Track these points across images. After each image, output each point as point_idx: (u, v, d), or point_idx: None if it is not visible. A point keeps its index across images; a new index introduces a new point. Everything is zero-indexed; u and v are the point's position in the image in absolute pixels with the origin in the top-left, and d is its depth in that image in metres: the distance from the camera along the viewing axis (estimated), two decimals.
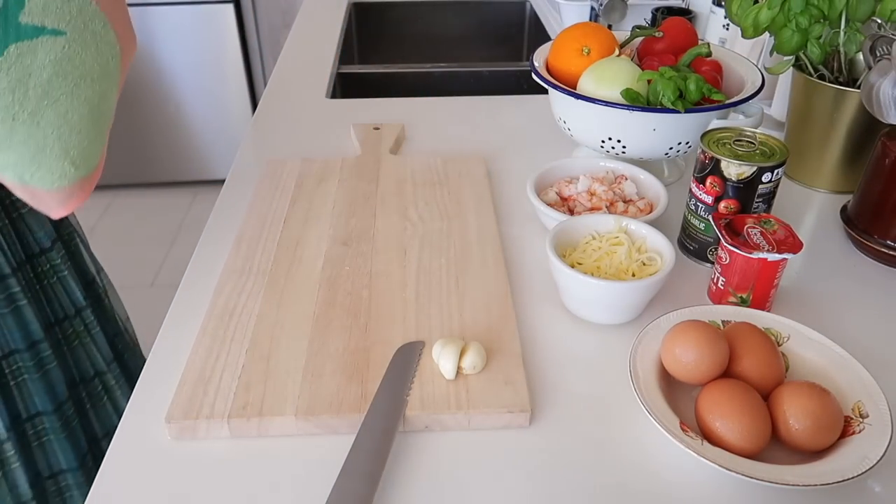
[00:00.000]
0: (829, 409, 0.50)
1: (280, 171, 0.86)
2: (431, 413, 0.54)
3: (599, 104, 0.75)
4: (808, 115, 0.84)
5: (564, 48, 0.84)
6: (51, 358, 0.72)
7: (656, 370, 0.55)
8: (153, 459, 0.52)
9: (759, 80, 0.78)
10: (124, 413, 0.56)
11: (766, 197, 0.67)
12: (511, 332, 0.61)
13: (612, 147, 0.79)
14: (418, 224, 0.76)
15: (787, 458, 0.50)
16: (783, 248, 0.62)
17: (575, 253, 0.67)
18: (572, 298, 0.65)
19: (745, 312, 0.61)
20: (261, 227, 0.76)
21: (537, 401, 0.57)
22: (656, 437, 0.53)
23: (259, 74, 2.61)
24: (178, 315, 0.66)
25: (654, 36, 0.86)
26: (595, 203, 0.74)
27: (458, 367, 0.56)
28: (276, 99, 1.12)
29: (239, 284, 0.67)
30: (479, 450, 0.53)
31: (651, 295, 0.63)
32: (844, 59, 0.82)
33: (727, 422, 0.50)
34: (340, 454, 0.51)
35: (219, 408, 0.54)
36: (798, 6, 0.76)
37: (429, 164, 0.88)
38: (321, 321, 0.63)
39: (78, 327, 0.77)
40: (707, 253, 0.72)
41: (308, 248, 0.72)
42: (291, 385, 0.56)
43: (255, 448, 0.53)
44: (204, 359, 0.58)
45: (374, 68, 1.36)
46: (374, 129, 0.97)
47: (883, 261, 0.74)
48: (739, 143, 0.68)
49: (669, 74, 0.74)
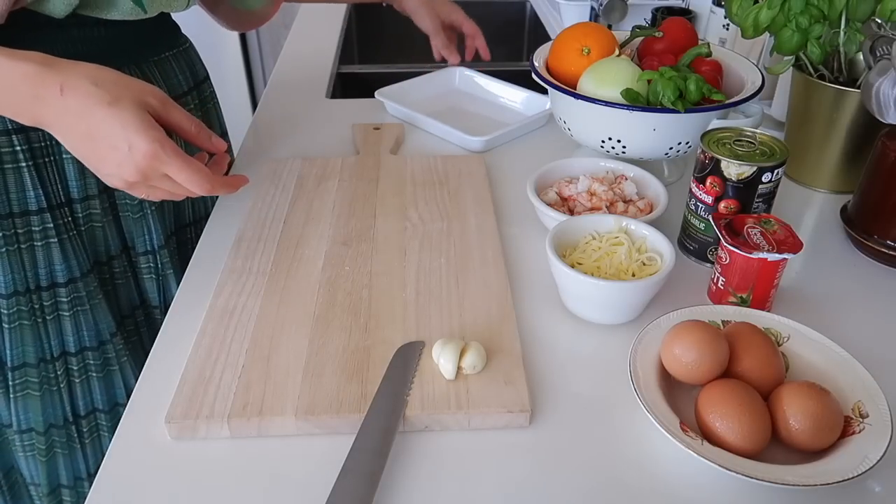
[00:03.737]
0: (829, 409, 0.50)
1: (280, 171, 0.86)
2: (431, 413, 0.54)
3: (599, 104, 0.75)
4: (808, 115, 0.84)
5: (564, 48, 0.84)
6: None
7: (656, 370, 0.55)
8: (153, 459, 0.52)
9: (759, 80, 0.78)
10: (124, 413, 0.56)
11: (766, 197, 0.67)
12: (511, 332, 0.61)
13: (612, 147, 0.79)
14: (418, 224, 0.76)
15: (787, 458, 0.50)
16: (783, 248, 0.62)
17: (575, 253, 0.67)
18: (572, 298, 0.65)
19: (745, 312, 0.61)
20: (261, 227, 0.75)
21: (537, 401, 0.57)
22: (656, 438, 0.53)
23: (259, 74, 2.60)
24: (178, 315, 0.66)
25: (654, 36, 0.86)
26: (595, 203, 0.74)
27: (458, 367, 0.56)
28: (276, 99, 1.12)
29: (239, 284, 0.67)
30: (479, 450, 0.53)
31: (651, 295, 0.63)
32: (844, 59, 0.82)
33: (727, 422, 0.50)
34: (340, 454, 0.51)
35: (219, 408, 0.54)
36: (798, 6, 0.76)
37: (429, 164, 0.88)
38: (321, 321, 0.63)
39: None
40: (707, 253, 0.72)
41: (308, 248, 0.72)
42: (291, 385, 0.56)
43: (255, 448, 0.53)
44: (204, 359, 0.58)
45: (374, 68, 1.36)
46: (374, 129, 0.97)
47: (883, 261, 0.74)
48: (739, 143, 0.68)
49: (669, 74, 0.74)
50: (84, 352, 0.80)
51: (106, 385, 0.83)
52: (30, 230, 0.73)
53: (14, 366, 0.77)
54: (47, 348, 0.78)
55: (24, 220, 0.73)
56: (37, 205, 0.73)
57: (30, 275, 0.75)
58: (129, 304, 0.85)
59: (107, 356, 0.82)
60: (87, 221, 0.77)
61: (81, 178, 0.75)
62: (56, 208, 0.74)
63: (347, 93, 1.31)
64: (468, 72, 1.15)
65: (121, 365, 0.83)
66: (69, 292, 0.77)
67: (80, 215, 0.76)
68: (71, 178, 0.74)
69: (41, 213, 0.73)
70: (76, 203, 0.76)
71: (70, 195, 0.75)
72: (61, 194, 0.75)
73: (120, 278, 0.83)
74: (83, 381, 0.82)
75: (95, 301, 0.79)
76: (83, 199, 0.76)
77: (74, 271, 0.76)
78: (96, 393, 0.83)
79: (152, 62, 0.81)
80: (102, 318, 0.80)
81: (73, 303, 0.77)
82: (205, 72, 0.95)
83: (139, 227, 0.81)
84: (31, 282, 0.75)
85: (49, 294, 0.76)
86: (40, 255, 0.74)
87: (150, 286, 0.86)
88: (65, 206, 0.75)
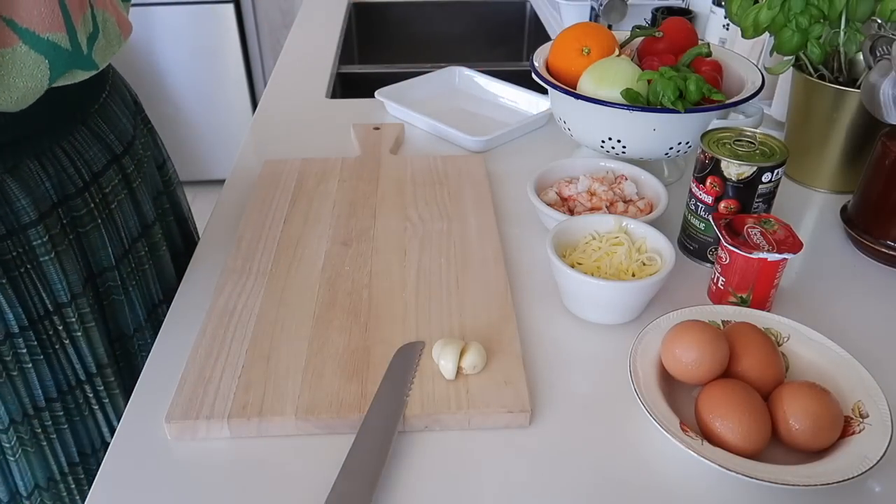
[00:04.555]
0: (829, 409, 0.50)
1: (280, 171, 0.86)
2: (431, 413, 0.54)
3: (600, 104, 0.75)
4: (808, 115, 0.84)
5: (564, 48, 0.84)
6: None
7: (656, 370, 0.55)
8: (153, 459, 0.52)
9: (759, 80, 0.78)
10: (124, 413, 0.56)
11: (766, 197, 0.67)
12: (511, 332, 0.61)
13: (612, 147, 0.79)
14: (418, 224, 0.76)
15: (787, 458, 0.50)
16: (783, 248, 0.62)
17: (575, 253, 0.67)
18: (572, 298, 0.65)
19: (745, 312, 0.61)
20: (261, 227, 0.76)
21: (537, 401, 0.57)
22: (656, 437, 0.53)
23: (259, 74, 2.60)
24: (178, 315, 0.66)
25: (654, 36, 0.86)
26: (595, 203, 0.74)
27: (458, 367, 0.56)
28: (276, 99, 1.12)
29: (239, 284, 0.67)
30: (479, 450, 0.53)
31: (651, 295, 0.63)
32: (844, 59, 0.82)
33: (727, 422, 0.50)
34: (340, 454, 0.51)
35: (219, 408, 0.54)
36: (798, 6, 0.76)
37: (429, 164, 0.88)
38: (321, 321, 0.63)
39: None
40: (707, 253, 0.72)
41: (308, 248, 0.72)
42: (291, 385, 0.56)
43: (255, 448, 0.53)
44: (204, 359, 0.58)
45: (374, 68, 1.36)
46: (374, 129, 0.97)
47: (883, 261, 0.74)
48: (739, 143, 0.68)
49: (669, 74, 0.74)
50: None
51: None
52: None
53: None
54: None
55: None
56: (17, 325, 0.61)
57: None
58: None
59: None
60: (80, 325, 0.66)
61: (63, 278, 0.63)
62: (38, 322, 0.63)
63: (347, 93, 1.31)
64: (468, 72, 1.15)
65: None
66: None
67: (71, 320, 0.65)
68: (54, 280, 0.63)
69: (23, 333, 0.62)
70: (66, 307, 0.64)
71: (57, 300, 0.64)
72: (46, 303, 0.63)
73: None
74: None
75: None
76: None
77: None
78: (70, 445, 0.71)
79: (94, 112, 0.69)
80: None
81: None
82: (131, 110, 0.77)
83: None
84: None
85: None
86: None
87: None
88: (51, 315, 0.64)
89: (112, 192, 0.69)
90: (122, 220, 0.71)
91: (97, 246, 0.68)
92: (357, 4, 1.64)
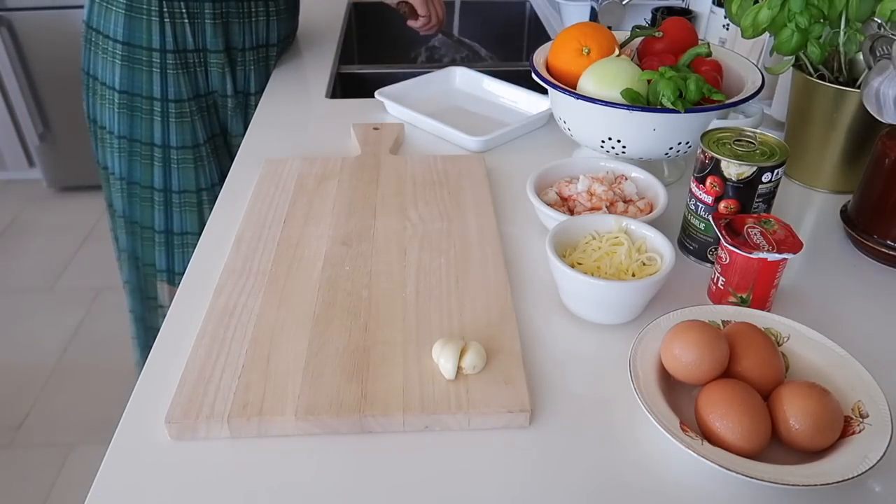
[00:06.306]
0: (829, 409, 0.50)
1: (280, 171, 0.86)
2: (431, 413, 0.54)
3: (599, 104, 0.75)
4: (808, 115, 0.84)
5: (564, 48, 0.84)
6: None
7: (656, 370, 0.55)
8: (153, 459, 0.52)
9: (759, 80, 0.78)
10: (124, 413, 0.56)
11: (766, 197, 0.67)
12: (511, 332, 0.61)
13: (612, 147, 0.79)
14: (418, 224, 0.76)
15: (787, 458, 0.50)
16: (783, 248, 0.62)
17: (575, 253, 0.67)
18: (572, 298, 0.65)
19: (745, 312, 0.61)
20: (261, 227, 0.76)
21: (537, 401, 0.57)
22: (656, 437, 0.53)
23: None
24: (178, 315, 0.66)
25: (654, 36, 0.86)
26: (595, 203, 0.74)
27: (458, 367, 0.56)
28: (276, 99, 1.12)
29: (239, 284, 0.67)
30: (479, 450, 0.53)
31: (651, 295, 0.63)
32: (844, 59, 0.82)
33: (727, 422, 0.50)
34: (340, 454, 0.51)
35: (219, 408, 0.54)
36: (798, 6, 0.76)
37: (428, 164, 0.88)
38: (321, 321, 0.63)
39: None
40: (707, 253, 0.72)
41: (308, 248, 0.72)
42: (291, 385, 0.56)
43: (255, 448, 0.53)
44: (204, 359, 0.58)
45: (374, 68, 1.35)
46: (374, 129, 0.97)
47: (883, 261, 0.74)
48: (739, 143, 0.68)
49: (669, 74, 0.74)
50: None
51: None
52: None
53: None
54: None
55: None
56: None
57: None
58: None
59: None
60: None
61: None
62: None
63: (347, 93, 1.31)
64: (468, 72, 1.15)
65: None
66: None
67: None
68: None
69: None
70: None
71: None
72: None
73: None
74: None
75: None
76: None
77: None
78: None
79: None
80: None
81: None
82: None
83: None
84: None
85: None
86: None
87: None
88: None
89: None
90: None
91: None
92: (357, 4, 1.64)
